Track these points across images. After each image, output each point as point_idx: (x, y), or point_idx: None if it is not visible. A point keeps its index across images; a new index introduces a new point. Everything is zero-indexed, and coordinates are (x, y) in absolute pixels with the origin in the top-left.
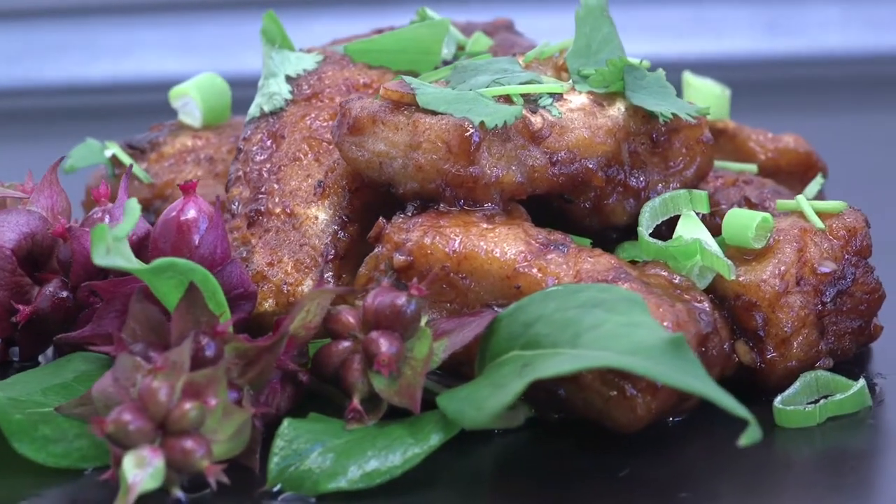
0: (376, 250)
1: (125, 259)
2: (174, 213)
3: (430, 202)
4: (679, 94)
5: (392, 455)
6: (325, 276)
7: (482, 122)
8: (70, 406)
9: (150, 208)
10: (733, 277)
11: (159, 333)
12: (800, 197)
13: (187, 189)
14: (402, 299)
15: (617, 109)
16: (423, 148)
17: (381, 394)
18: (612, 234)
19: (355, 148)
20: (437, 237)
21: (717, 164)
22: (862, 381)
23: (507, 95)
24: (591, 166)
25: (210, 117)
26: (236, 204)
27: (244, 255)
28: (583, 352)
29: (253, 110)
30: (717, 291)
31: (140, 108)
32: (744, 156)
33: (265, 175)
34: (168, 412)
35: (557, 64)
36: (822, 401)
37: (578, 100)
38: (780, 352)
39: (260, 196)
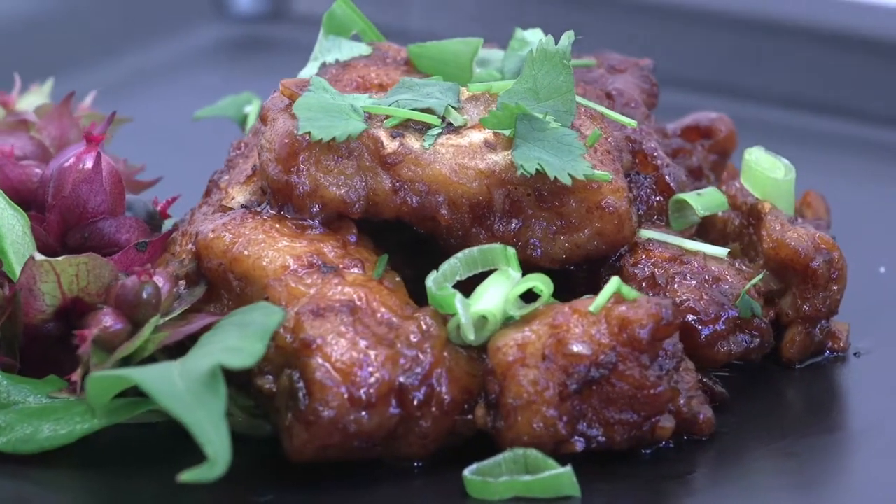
0: None
1: None
2: (65, 161)
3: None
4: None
5: (50, 429)
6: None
7: (309, 133)
8: None
9: None
10: (471, 339)
11: None
12: (615, 278)
13: (90, 139)
14: (136, 282)
15: (503, 155)
16: (266, 148)
17: (92, 367)
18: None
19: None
20: (225, 234)
21: (669, 239)
22: (566, 469)
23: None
24: (434, 203)
25: None
26: (217, 174)
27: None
28: (156, 367)
29: None
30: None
31: None
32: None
33: (242, 151)
34: None
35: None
36: (503, 478)
37: (473, 137)
38: (507, 423)
39: (225, 171)
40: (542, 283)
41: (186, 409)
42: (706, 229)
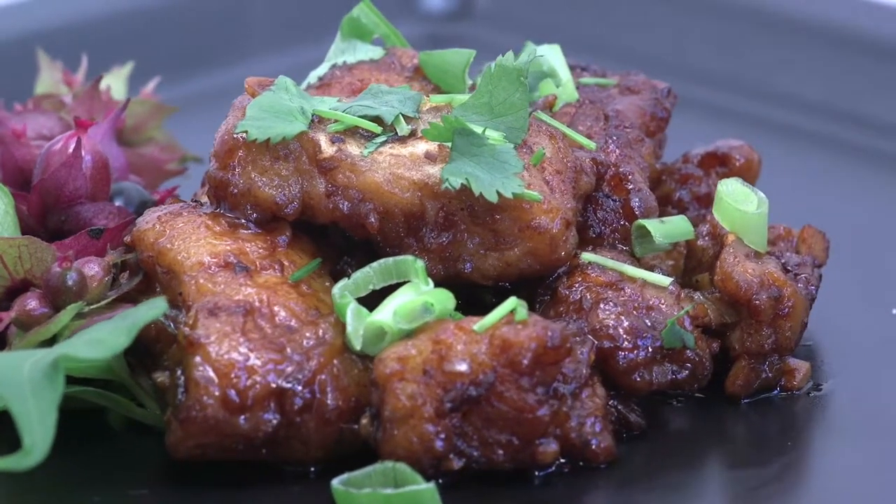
0: None
1: None
2: (54, 144)
3: None
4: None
5: None
6: None
7: (246, 132)
8: None
9: None
10: (357, 348)
11: None
12: (511, 298)
13: (80, 124)
14: (59, 269)
15: (440, 168)
16: (214, 146)
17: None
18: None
19: None
20: (156, 226)
21: (610, 264)
22: (429, 486)
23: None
24: (364, 210)
25: None
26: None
27: None
28: (14, 354)
29: None
30: None
31: None
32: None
33: None
34: None
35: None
36: (366, 489)
37: (416, 147)
38: (385, 435)
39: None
40: (434, 299)
41: (16, 398)
42: (688, 257)
